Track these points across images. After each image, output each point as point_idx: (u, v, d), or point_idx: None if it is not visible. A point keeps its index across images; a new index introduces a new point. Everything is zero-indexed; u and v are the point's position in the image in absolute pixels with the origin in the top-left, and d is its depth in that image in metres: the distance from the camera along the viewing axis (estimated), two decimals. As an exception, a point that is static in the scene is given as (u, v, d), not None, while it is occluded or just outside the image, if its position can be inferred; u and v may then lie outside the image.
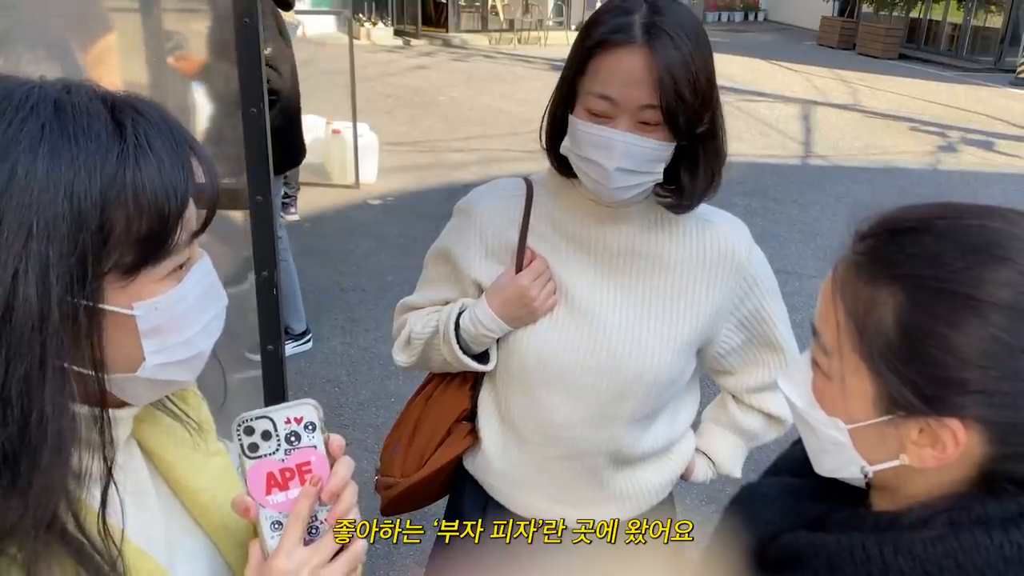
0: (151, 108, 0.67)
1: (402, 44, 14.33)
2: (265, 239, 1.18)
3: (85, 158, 0.62)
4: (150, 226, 0.64)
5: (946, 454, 0.68)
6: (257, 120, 1.13)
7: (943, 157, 8.67)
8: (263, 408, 0.77)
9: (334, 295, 4.77)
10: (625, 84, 1.11)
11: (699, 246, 1.30)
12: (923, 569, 0.68)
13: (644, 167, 1.16)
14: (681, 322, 1.29)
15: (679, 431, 1.43)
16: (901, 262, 0.69)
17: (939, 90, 12.48)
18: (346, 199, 6.31)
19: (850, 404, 0.73)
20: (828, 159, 8.36)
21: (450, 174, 7.00)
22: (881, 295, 0.69)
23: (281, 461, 0.77)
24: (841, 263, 0.74)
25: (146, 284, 0.67)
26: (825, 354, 0.75)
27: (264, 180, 1.15)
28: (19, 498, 0.61)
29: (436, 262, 1.41)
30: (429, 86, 10.70)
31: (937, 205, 0.73)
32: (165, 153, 0.65)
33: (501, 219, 1.32)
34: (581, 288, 1.29)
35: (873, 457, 0.74)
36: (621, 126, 1.13)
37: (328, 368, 3.94)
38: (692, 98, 1.11)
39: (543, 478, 1.38)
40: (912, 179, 7.65)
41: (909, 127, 9.85)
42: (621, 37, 1.10)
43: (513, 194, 1.34)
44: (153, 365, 0.69)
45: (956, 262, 0.67)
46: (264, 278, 1.23)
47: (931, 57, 15.76)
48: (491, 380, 1.41)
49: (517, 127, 8.50)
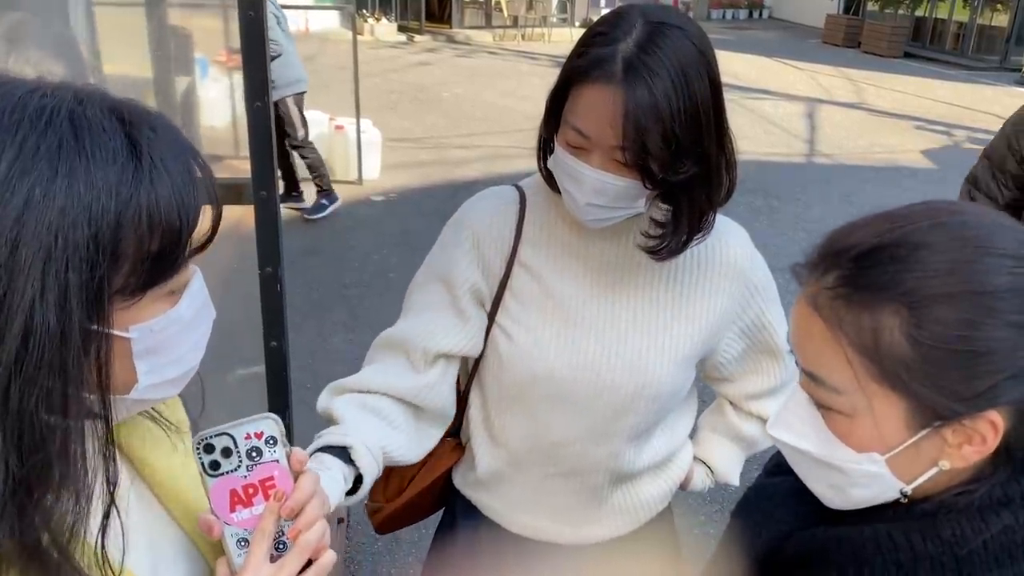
0: (163, 124, 0.66)
1: (405, 40, 14.31)
2: (269, 234, 1.17)
3: (103, 178, 0.60)
4: (161, 245, 0.63)
5: (987, 445, 0.68)
6: (262, 114, 1.12)
7: (948, 156, 8.65)
8: (221, 425, 0.76)
9: (336, 292, 4.77)
10: (597, 122, 1.05)
11: (700, 256, 1.25)
12: (952, 553, 0.68)
13: (618, 203, 1.11)
14: (682, 334, 1.25)
15: (678, 442, 1.39)
16: (888, 282, 0.68)
17: (944, 89, 12.45)
18: (349, 195, 6.30)
19: (884, 432, 0.71)
20: (832, 158, 8.34)
21: (453, 171, 6.99)
22: (884, 319, 0.68)
23: (244, 477, 0.76)
24: (821, 301, 0.72)
25: (146, 305, 0.66)
26: (839, 394, 0.72)
27: (268, 175, 1.14)
28: (27, 523, 0.60)
29: (428, 288, 1.29)
30: (432, 82, 10.68)
31: (875, 218, 0.73)
32: (177, 171, 0.64)
33: (495, 229, 1.26)
34: (577, 300, 1.24)
35: (909, 475, 0.73)
36: (594, 162, 1.08)
37: (330, 365, 3.93)
38: (660, 147, 1.04)
39: (540, 497, 1.34)
40: (918, 178, 7.63)
41: (914, 126, 9.82)
42: (598, 73, 1.04)
43: (505, 203, 1.28)
44: (145, 386, 0.69)
45: (942, 265, 0.67)
46: (268, 274, 1.22)
47: (936, 56, 15.71)
48: (480, 397, 1.34)
49: (520, 124, 8.48)
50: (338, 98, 7.18)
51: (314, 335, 4.19)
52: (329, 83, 8.60)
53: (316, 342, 4.12)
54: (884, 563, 0.71)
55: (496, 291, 1.26)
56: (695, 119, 1.06)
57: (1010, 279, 0.66)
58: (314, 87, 6.02)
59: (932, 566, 0.69)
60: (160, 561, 0.77)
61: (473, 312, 1.26)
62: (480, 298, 1.27)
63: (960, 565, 0.68)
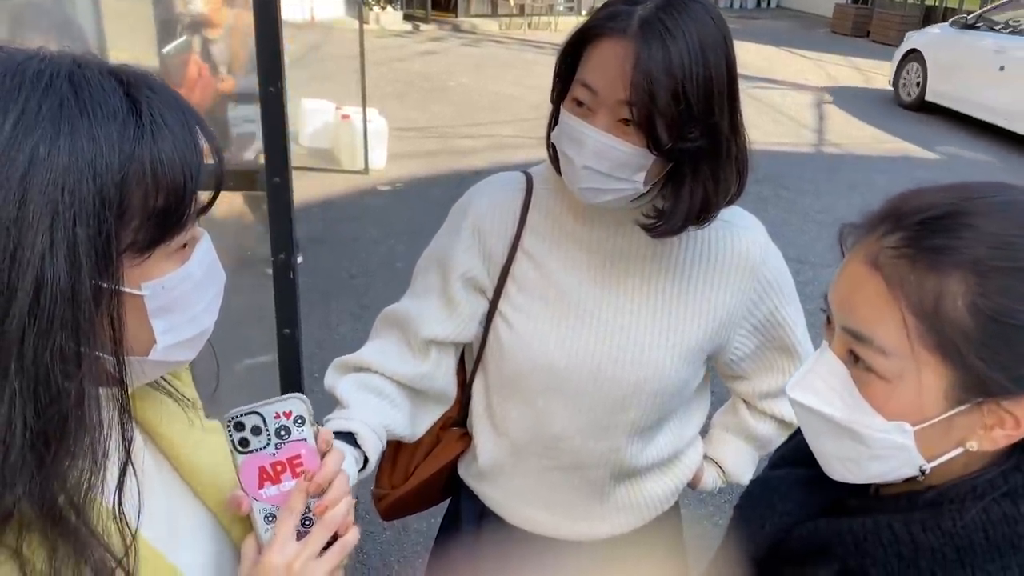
0: (161, 85, 0.68)
1: (411, 29, 14.26)
2: (282, 221, 1.16)
3: (105, 135, 0.62)
4: (166, 201, 0.65)
5: (1020, 430, 0.67)
6: (275, 100, 1.10)
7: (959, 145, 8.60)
8: (251, 404, 0.79)
9: (343, 281, 4.76)
10: (607, 75, 1.03)
11: (710, 247, 1.21)
12: (954, 544, 0.68)
13: (617, 172, 1.07)
14: (688, 328, 1.21)
15: (686, 440, 1.35)
16: (960, 247, 0.66)
17: (953, 79, 12.35)
18: (355, 185, 6.29)
19: (924, 401, 0.69)
20: (841, 147, 8.30)
21: (459, 160, 6.97)
22: (950, 284, 0.66)
23: (272, 455, 0.78)
24: (882, 259, 0.69)
25: (156, 263, 0.67)
26: (884, 356, 0.70)
27: (281, 161, 1.13)
28: (45, 482, 0.61)
29: (427, 271, 1.30)
30: (439, 71, 10.64)
31: (952, 187, 0.71)
32: (178, 128, 0.66)
33: (499, 215, 1.24)
34: (581, 290, 1.21)
35: (933, 452, 0.72)
36: (598, 122, 1.06)
37: (338, 354, 3.92)
38: (670, 106, 1.01)
39: (540, 490, 1.32)
40: (928, 168, 7.59)
41: (924, 115, 9.75)
42: (613, 26, 1.03)
43: (512, 189, 1.26)
44: (164, 346, 0.70)
45: (1015, 239, 0.65)
46: (281, 260, 1.21)
47: (945, 45, 15.58)
48: (484, 386, 1.32)
49: (527, 113, 8.45)
50: (344, 87, 7.16)
51: (321, 324, 4.19)
52: (335, 72, 8.58)
53: (323, 331, 4.12)
54: (886, 555, 0.71)
55: (498, 277, 1.25)
56: (707, 85, 1.03)
57: None
58: (319, 76, 6.01)
59: (934, 557, 0.68)
60: (179, 531, 0.78)
61: (464, 299, 1.25)
62: (477, 286, 1.26)
63: (961, 555, 0.68)
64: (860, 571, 0.73)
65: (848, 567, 0.74)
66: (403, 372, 1.25)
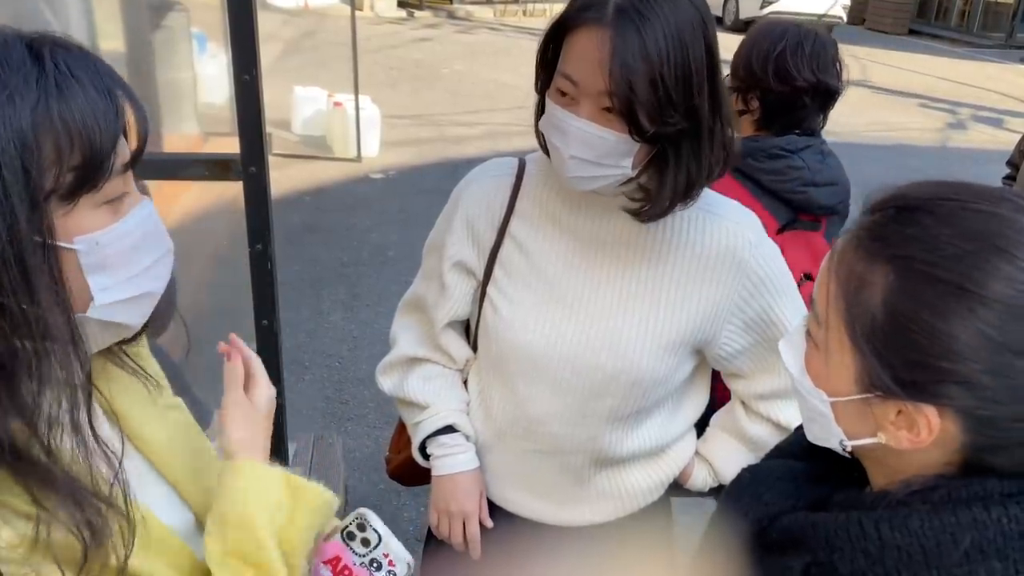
0: (78, 46, 0.70)
1: (405, 16, 14.17)
2: (259, 211, 1.15)
3: (13, 87, 0.63)
4: (83, 152, 0.66)
5: (920, 439, 0.68)
6: (250, 88, 1.09)
7: (952, 134, 8.59)
8: (387, 529, 0.91)
9: (335, 270, 4.74)
10: (586, 66, 1.04)
11: (697, 240, 1.20)
12: (919, 544, 0.67)
13: (605, 159, 1.08)
14: (668, 319, 1.20)
15: (674, 433, 1.34)
16: (898, 242, 0.67)
17: (949, 66, 12.34)
18: (348, 173, 6.26)
19: (833, 377, 0.73)
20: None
21: (452, 148, 6.94)
22: (874, 273, 0.67)
23: (353, 564, 0.90)
24: (843, 235, 0.72)
25: (85, 215, 0.68)
26: (817, 324, 0.74)
27: (257, 150, 1.11)
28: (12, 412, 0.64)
29: (430, 255, 1.36)
30: (432, 59, 10.59)
31: (948, 184, 0.70)
32: (89, 80, 0.67)
33: (488, 201, 1.27)
34: (564, 276, 1.22)
35: (853, 432, 0.74)
36: (583, 112, 1.06)
37: (329, 343, 3.92)
38: (648, 93, 1.01)
39: (522, 472, 1.33)
40: (921, 157, 7.58)
41: (918, 104, 9.75)
42: (589, 15, 1.03)
43: (503, 174, 1.28)
44: (102, 304, 0.72)
45: (952, 248, 0.64)
46: (258, 251, 1.19)
47: (941, 33, 15.57)
48: (477, 367, 1.36)
49: (521, 101, 8.40)
50: (336, 74, 7.12)
51: (313, 312, 4.17)
52: (328, 59, 8.53)
53: (315, 319, 4.10)
54: (853, 550, 0.71)
55: (487, 261, 1.27)
56: (685, 70, 1.03)
57: (1010, 293, 0.62)
58: (312, 64, 5.97)
59: (899, 556, 0.68)
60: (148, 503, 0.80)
61: (454, 283, 1.30)
62: (468, 269, 1.29)
63: (927, 557, 0.67)
64: (829, 565, 0.72)
65: (818, 560, 0.74)
66: (435, 356, 1.36)
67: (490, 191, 1.27)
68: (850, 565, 0.71)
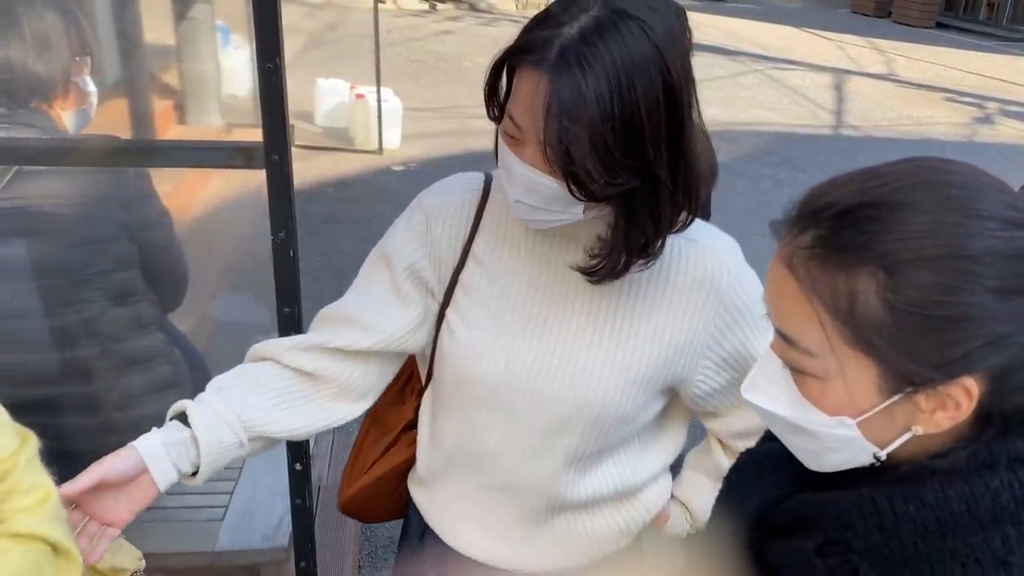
0: None
1: (428, 8, 14.17)
2: (281, 199, 1.16)
3: None
4: None
5: (960, 411, 0.67)
6: (274, 76, 1.10)
7: (979, 129, 8.47)
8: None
9: (357, 261, 4.72)
10: (527, 112, 0.94)
11: (672, 267, 1.10)
12: (935, 516, 0.67)
13: (552, 205, 0.99)
14: (637, 351, 1.10)
15: (642, 477, 1.23)
16: (866, 244, 0.66)
17: (977, 60, 12.16)
18: (370, 165, 6.29)
19: (855, 396, 0.70)
20: (860, 130, 8.19)
21: (474, 141, 6.94)
22: (859, 280, 0.66)
23: None
24: (796, 261, 0.69)
25: None
26: (812, 357, 0.71)
27: (280, 138, 1.12)
28: None
29: (375, 265, 1.21)
30: (454, 51, 10.58)
31: (857, 175, 0.70)
32: None
33: (451, 219, 1.17)
34: (526, 302, 1.13)
35: (883, 439, 0.72)
36: (526, 156, 0.97)
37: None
38: (587, 155, 0.91)
39: (474, 508, 1.24)
40: (947, 152, 7.48)
41: (945, 98, 9.61)
42: (530, 57, 0.93)
43: (467, 190, 1.18)
44: None
45: (923, 226, 0.64)
46: (281, 239, 1.20)
47: (969, 26, 15.32)
48: (432, 391, 1.25)
49: (543, 94, 8.39)
50: (359, 67, 7.14)
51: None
52: (350, 52, 8.56)
53: (335, 311, 4.13)
54: (867, 527, 0.70)
55: (448, 281, 1.18)
56: (632, 127, 0.92)
57: (992, 242, 0.64)
58: (335, 56, 5.99)
59: (915, 529, 0.68)
60: None
61: (414, 294, 1.17)
62: (423, 281, 1.18)
63: (943, 528, 0.67)
64: (842, 543, 0.72)
65: (830, 539, 0.73)
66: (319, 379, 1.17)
67: (454, 207, 1.17)
68: (864, 541, 0.71)
